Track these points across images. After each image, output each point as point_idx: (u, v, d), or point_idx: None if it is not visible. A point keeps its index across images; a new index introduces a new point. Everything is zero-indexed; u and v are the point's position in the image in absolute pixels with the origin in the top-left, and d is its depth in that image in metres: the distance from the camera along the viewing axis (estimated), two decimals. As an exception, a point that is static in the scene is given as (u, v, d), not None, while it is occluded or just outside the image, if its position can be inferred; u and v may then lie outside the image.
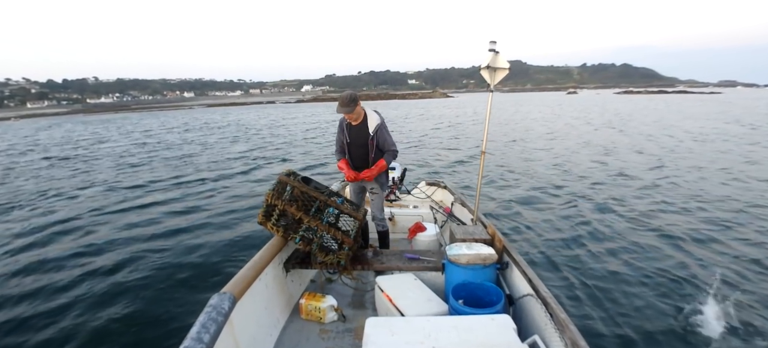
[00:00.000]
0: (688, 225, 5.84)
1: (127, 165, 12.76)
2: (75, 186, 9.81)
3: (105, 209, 7.52)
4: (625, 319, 3.55)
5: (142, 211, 7.27)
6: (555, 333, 1.91)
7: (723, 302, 3.73)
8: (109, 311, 3.85)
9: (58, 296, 4.18)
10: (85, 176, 11.10)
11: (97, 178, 10.74)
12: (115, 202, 7.98)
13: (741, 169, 9.57)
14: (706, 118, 24.77)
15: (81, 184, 9.95)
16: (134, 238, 5.79)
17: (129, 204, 7.83)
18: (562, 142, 15.17)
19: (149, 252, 5.25)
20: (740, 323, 3.45)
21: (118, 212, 7.28)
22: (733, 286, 4.07)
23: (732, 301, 3.74)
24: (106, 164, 13.08)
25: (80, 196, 8.77)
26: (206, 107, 78.33)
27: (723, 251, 4.92)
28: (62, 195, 8.93)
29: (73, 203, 8.12)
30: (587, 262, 4.65)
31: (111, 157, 14.95)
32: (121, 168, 12.23)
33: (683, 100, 58.49)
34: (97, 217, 6.97)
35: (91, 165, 13.21)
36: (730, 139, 14.75)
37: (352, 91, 3.08)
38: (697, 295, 3.92)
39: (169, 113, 60.02)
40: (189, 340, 1.53)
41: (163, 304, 3.98)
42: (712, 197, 7.22)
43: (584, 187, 8.22)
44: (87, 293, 4.22)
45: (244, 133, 22.74)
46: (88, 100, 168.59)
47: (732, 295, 3.84)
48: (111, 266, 4.85)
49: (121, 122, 40.58)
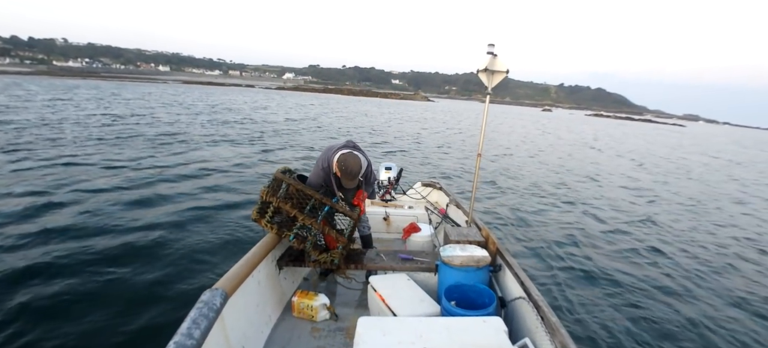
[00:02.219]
0: (678, 234, 5.91)
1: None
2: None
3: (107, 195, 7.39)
4: (616, 324, 3.59)
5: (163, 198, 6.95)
6: (546, 336, 1.92)
7: (713, 306, 3.78)
8: (94, 308, 3.79)
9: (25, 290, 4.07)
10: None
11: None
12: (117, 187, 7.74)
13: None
14: (670, 148, 26.36)
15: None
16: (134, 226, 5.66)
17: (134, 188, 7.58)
18: (553, 153, 15.34)
19: (145, 242, 5.20)
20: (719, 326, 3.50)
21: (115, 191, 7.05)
22: (728, 290, 4.13)
23: (725, 304, 3.79)
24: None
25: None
26: (181, 84, 75.84)
27: (712, 253, 4.99)
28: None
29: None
30: (579, 267, 4.69)
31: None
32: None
33: (648, 128, 60.90)
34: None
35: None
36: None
37: (358, 160, 2.75)
38: (688, 301, 3.96)
39: (150, 86, 57.55)
40: (179, 336, 1.52)
41: (153, 297, 3.94)
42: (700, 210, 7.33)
43: (578, 195, 8.28)
44: (68, 288, 4.14)
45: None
46: (54, 62, 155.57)
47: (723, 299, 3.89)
48: (98, 257, 4.77)
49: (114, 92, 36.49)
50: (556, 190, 8.56)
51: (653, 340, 3.36)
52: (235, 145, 12.75)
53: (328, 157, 2.86)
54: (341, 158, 2.75)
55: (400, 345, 1.70)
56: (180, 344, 1.48)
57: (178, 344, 1.47)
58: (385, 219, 4.37)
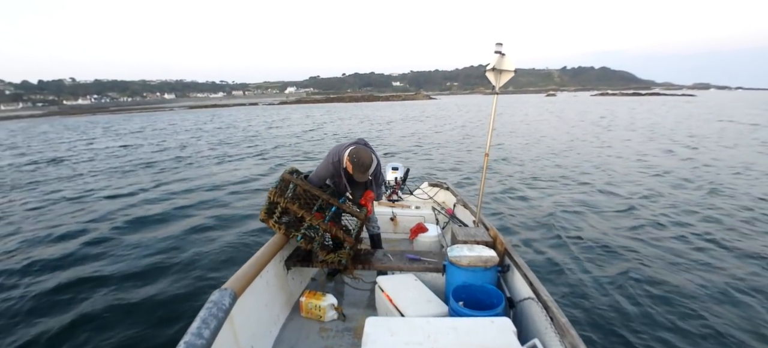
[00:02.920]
0: (697, 230, 5.79)
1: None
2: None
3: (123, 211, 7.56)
4: (627, 325, 3.53)
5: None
6: (555, 337, 1.90)
7: (735, 307, 3.71)
8: (109, 308, 3.88)
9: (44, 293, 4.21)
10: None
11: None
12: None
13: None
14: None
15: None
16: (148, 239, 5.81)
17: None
18: (561, 144, 15.20)
19: (154, 247, 5.29)
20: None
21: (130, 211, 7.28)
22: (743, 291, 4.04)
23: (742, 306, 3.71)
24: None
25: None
26: (187, 109, 77.37)
27: (729, 255, 4.88)
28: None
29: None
30: (589, 267, 4.63)
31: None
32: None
33: (656, 102, 59.30)
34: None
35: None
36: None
37: (369, 154, 2.76)
38: (702, 303, 3.89)
39: (157, 114, 58.75)
40: (189, 336, 1.53)
41: (163, 299, 4.00)
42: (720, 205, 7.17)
43: (587, 192, 8.18)
44: (81, 292, 4.25)
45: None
46: (64, 101, 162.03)
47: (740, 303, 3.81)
48: (108, 266, 4.89)
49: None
50: (563, 185, 8.47)
51: (668, 343, 3.31)
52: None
53: (338, 152, 2.85)
54: (353, 151, 2.74)
55: (408, 345, 1.70)
56: (190, 344, 1.49)
57: (188, 344, 1.49)
58: (392, 219, 4.37)
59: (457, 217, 4.01)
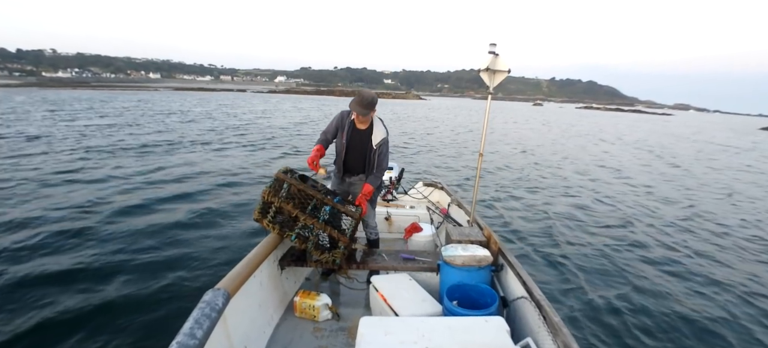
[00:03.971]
0: (685, 234, 5.88)
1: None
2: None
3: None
4: (619, 323, 3.57)
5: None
6: (548, 336, 1.92)
7: (722, 306, 3.76)
8: (98, 308, 3.81)
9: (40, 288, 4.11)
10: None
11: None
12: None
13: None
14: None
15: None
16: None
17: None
18: (555, 150, 15.33)
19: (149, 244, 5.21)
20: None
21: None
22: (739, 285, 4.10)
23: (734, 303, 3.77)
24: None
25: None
26: (173, 90, 74.19)
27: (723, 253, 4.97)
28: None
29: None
30: (582, 266, 4.68)
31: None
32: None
33: (632, 119, 61.34)
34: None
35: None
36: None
37: (375, 95, 2.74)
38: (695, 298, 3.94)
39: (145, 93, 55.83)
40: (181, 336, 1.52)
41: (155, 298, 3.95)
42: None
43: (581, 193, 8.26)
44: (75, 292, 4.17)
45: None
46: (43, 73, 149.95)
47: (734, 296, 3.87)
48: (97, 261, 4.79)
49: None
50: (555, 185, 8.56)
51: (659, 341, 3.35)
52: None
53: (347, 107, 2.89)
54: (357, 92, 2.79)
55: (402, 345, 1.70)
56: (182, 344, 1.48)
57: (181, 344, 1.47)
58: (387, 219, 4.37)
59: (452, 217, 4.02)
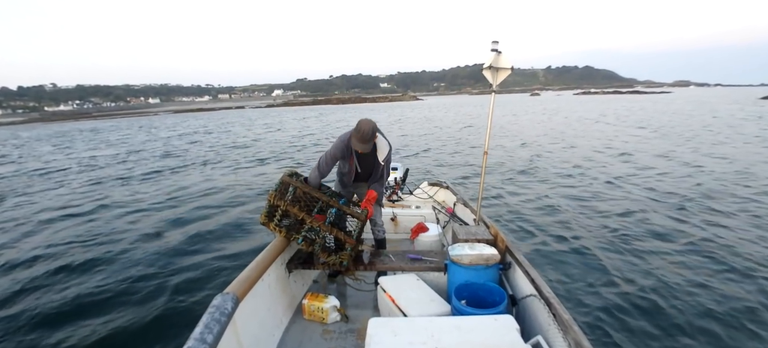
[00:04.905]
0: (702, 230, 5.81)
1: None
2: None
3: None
4: (630, 319, 3.54)
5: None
6: (558, 333, 1.91)
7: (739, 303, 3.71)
8: (108, 315, 3.86)
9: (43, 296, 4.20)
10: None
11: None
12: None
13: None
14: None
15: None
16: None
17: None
18: (556, 139, 15.24)
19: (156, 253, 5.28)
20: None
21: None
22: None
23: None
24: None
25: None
26: (173, 113, 75.36)
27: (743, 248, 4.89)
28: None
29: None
30: (592, 260, 4.64)
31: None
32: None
33: (626, 100, 60.26)
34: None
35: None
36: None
37: (373, 125, 2.73)
38: (706, 297, 3.89)
39: (145, 119, 56.52)
40: (192, 341, 1.53)
41: (167, 304, 3.99)
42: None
43: (587, 187, 8.20)
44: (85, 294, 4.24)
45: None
46: (45, 107, 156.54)
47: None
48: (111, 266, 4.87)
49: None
50: (560, 177, 8.50)
51: (676, 338, 3.30)
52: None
53: (348, 132, 2.86)
54: (357, 124, 2.74)
55: (412, 345, 1.70)
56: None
57: None
58: (393, 219, 4.37)
59: (458, 216, 4.01)
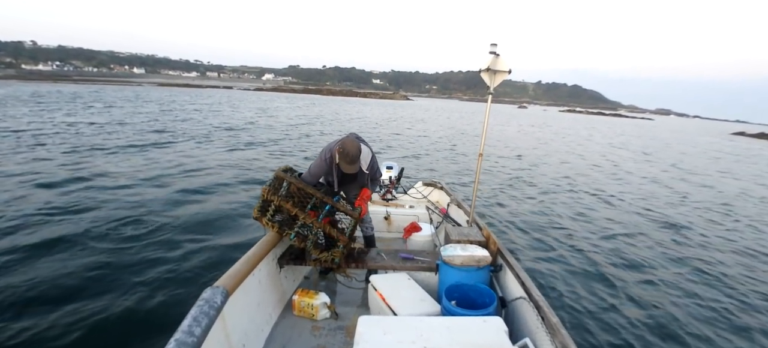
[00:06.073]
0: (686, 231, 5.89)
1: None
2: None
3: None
4: (617, 325, 3.58)
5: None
6: (546, 336, 1.92)
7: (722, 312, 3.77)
8: (95, 305, 3.80)
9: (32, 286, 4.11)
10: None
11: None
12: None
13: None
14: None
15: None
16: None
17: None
18: (548, 152, 15.34)
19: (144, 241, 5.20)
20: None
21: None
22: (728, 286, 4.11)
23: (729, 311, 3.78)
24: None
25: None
26: (157, 86, 72.17)
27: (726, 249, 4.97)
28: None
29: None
30: (580, 266, 4.68)
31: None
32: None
33: (616, 122, 63.02)
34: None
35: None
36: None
37: (357, 144, 2.72)
38: (693, 303, 3.95)
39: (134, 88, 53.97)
40: (180, 334, 1.52)
41: (153, 296, 3.94)
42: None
43: (581, 194, 8.26)
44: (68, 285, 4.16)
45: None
46: (23, 65, 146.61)
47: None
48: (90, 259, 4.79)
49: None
50: (552, 186, 8.58)
51: (657, 341, 3.35)
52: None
53: (330, 148, 2.84)
54: (340, 143, 2.73)
55: (401, 344, 1.70)
56: (181, 342, 1.48)
57: (179, 342, 1.47)
58: (386, 218, 4.37)
59: (451, 217, 4.02)
